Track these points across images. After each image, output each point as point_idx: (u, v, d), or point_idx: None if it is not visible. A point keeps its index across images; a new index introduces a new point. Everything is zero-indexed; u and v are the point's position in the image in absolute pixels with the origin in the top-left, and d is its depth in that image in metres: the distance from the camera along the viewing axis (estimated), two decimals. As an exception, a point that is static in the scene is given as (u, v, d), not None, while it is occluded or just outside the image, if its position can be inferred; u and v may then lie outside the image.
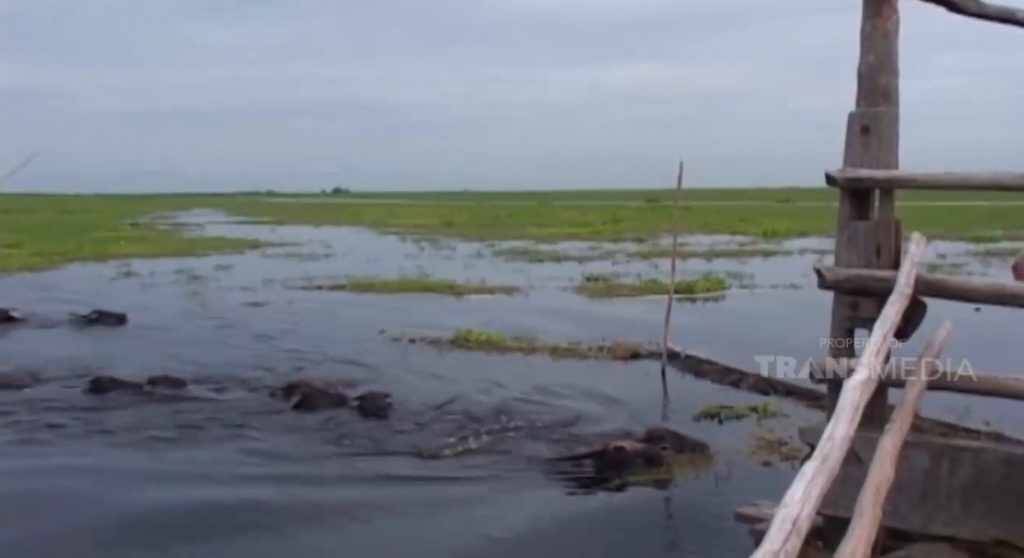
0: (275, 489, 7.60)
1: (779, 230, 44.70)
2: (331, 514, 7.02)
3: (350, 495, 7.50)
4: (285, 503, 7.26)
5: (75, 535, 6.65)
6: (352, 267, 27.25)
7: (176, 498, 7.38)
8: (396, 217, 69.38)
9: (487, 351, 14.11)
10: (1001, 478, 4.80)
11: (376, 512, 7.11)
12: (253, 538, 6.66)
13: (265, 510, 7.12)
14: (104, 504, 7.25)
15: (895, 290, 4.73)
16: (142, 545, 6.48)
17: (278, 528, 6.75)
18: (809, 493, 2.95)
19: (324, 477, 7.98)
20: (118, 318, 16.87)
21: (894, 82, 5.24)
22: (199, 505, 7.23)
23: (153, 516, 7.00)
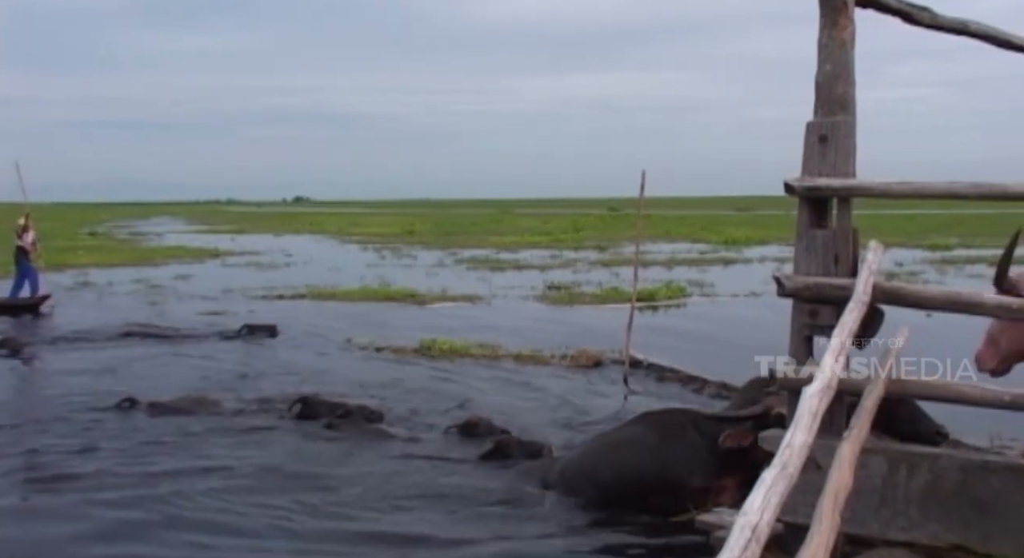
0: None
1: (739, 238, 45.06)
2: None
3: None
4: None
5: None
6: (313, 276, 27.11)
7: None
8: (357, 226, 69.20)
9: (451, 359, 14.11)
10: (957, 484, 4.85)
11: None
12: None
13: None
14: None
15: (853, 298, 4.77)
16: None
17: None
18: (768, 500, 2.96)
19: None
20: (269, 331, 16.48)
21: (851, 92, 5.29)
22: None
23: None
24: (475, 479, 7.97)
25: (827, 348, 4.38)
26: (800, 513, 3.51)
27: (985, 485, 4.79)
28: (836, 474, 3.59)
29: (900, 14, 5.59)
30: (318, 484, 7.81)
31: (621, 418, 9.66)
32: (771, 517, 2.93)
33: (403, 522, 6.95)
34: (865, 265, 5.10)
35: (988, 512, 4.76)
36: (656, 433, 7.22)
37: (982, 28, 6.15)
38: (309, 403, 10.23)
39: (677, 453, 6.95)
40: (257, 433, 9.57)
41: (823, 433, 3.96)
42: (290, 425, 9.89)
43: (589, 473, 7.33)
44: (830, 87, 5.26)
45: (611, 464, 7.27)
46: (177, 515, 7.07)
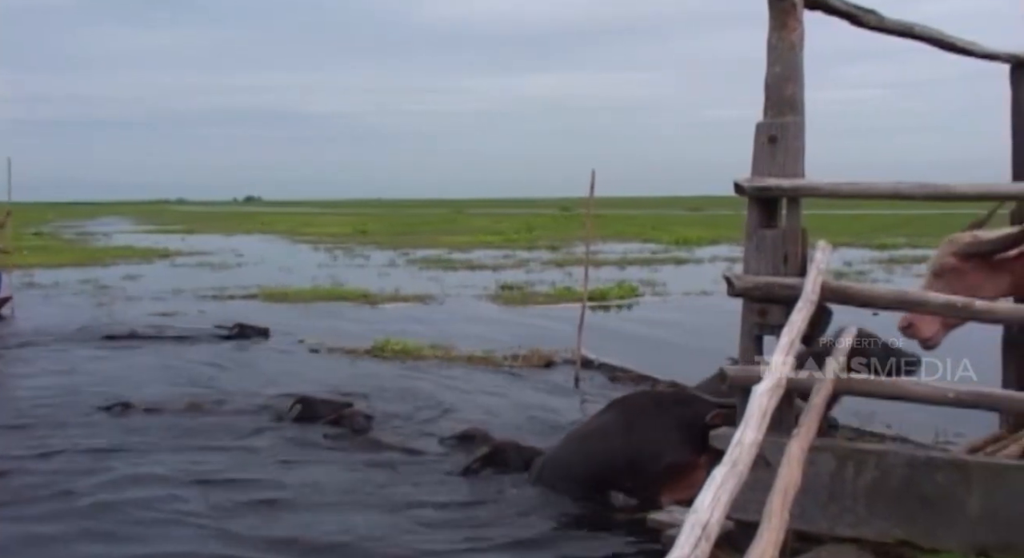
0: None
1: (691, 238, 45.39)
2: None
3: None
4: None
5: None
6: (265, 276, 26.91)
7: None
8: (309, 226, 68.77)
9: (403, 360, 14.07)
10: (903, 480, 4.92)
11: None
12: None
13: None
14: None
15: (802, 297, 4.82)
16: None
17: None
18: (718, 498, 2.99)
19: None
20: (262, 332, 16.21)
21: (800, 93, 5.34)
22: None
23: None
24: (458, 489, 7.82)
25: (776, 347, 4.43)
26: (750, 510, 3.54)
27: (930, 481, 4.86)
28: (785, 471, 3.63)
29: (847, 16, 5.66)
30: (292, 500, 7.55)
31: (580, 418, 9.71)
32: (721, 515, 2.96)
33: (359, 530, 6.88)
34: (813, 265, 5.15)
35: (933, 507, 4.83)
36: (625, 417, 7.27)
37: (926, 31, 6.25)
38: (309, 404, 10.03)
39: (648, 434, 6.97)
40: (257, 438, 9.42)
41: (772, 431, 4.00)
42: (288, 429, 9.70)
43: (564, 468, 7.35)
44: (779, 88, 5.31)
45: (583, 455, 7.30)
46: (95, 527, 6.86)
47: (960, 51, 6.66)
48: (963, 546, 4.74)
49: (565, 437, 8.01)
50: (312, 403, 10.07)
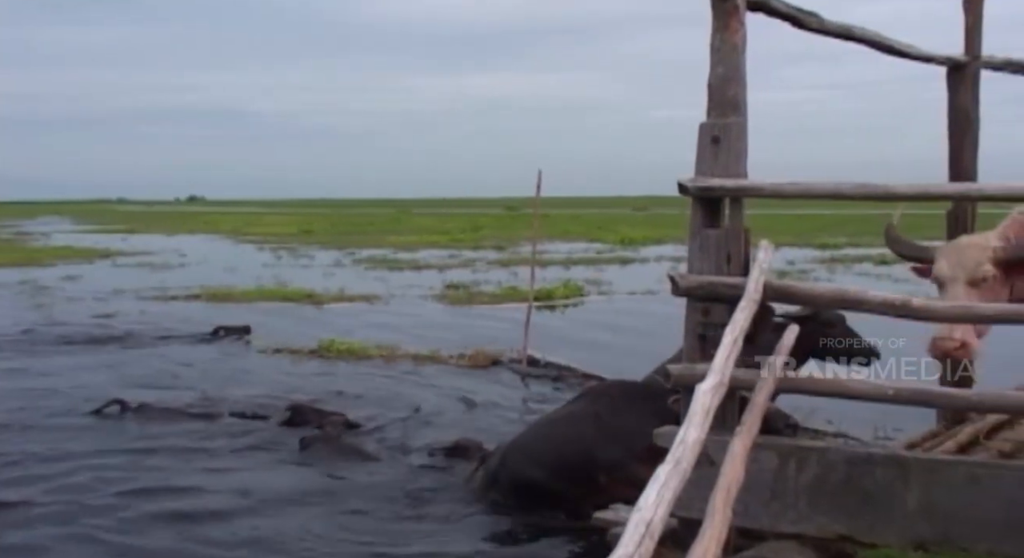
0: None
1: (636, 238, 45.65)
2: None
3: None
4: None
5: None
6: (208, 277, 26.60)
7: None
8: (253, 225, 68.11)
9: (348, 360, 14.00)
10: (844, 476, 4.98)
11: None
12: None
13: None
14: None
15: (744, 296, 4.86)
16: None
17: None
18: (662, 496, 3.00)
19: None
20: (242, 332, 16.04)
21: (742, 94, 5.38)
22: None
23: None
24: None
25: (720, 346, 4.46)
26: (694, 508, 3.56)
27: (870, 477, 4.93)
28: (728, 469, 3.66)
29: (789, 19, 5.72)
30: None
31: (527, 416, 9.73)
32: (665, 513, 2.97)
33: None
34: (756, 264, 5.20)
35: (873, 502, 4.90)
36: (595, 406, 7.27)
37: (866, 33, 6.34)
38: (300, 412, 9.91)
39: (617, 422, 6.95)
40: (199, 443, 9.31)
41: (716, 429, 4.03)
42: (237, 434, 9.57)
43: (531, 453, 7.28)
44: (722, 89, 5.35)
45: (552, 440, 7.25)
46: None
47: (898, 53, 6.77)
48: (901, 540, 4.81)
49: (532, 424, 7.99)
50: (302, 410, 9.94)
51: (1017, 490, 4.66)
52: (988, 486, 4.73)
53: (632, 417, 6.87)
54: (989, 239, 5.57)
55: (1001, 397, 5.17)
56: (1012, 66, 7.69)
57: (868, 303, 5.16)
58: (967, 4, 7.06)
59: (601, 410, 7.21)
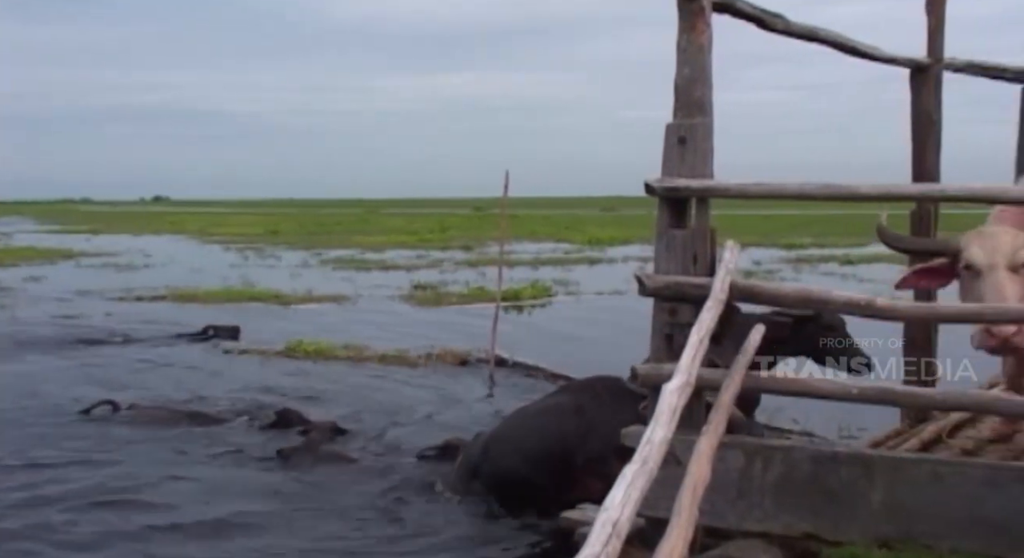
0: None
1: (603, 238, 45.75)
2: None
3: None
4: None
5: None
6: (174, 277, 26.40)
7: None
8: (219, 226, 67.65)
9: (315, 360, 13.95)
10: (809, 475, 5.02)
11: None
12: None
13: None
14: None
15: (711, 296, 4.89)
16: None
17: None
18: (629, 496, 3.01)
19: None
20: (232, 332, 15.86)
21: (708, 95, 5.40)
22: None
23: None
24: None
25: (686, 345, 4.48)
26: (661, 507, 3.57)
27: (834, 475, 4.97)
28: (694, 468, 3.68)
29: (755, 20, 5.75)
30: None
31: (496, 416, 9.72)
32: (631, 512, 2.98)
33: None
34: (722, 264, 5.22)
35: (837, 501, 4.94)
36: (579, 400, 7.26)
37: (830, 35, 6.39)
38: (286, 416, 9.78)
39: (600, 417, 6.94)
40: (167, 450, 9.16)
41: (683, 428, 4.04)
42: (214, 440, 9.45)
43: (515, 445, 7.25)
44: (688, 90, 5.37)
45: (535, 431, 7.23)
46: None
47: (862, 55, 6.82)
48: (866, 538, 4.85)
49: (513, 415, 7.96)
50: (288, 415, 9.83)
51: (979, 487, 4.72)
52: (951, 484, 4.78)
53: (615, 412, 6.85)
54: (1008, 230, 5.30)
55: (963, 395, 5.23)
56: (974, 68, 7.77)
57: (833, 303, 5.21)
58: (929, 7, 7.12)
59: (585, 403, 7.21)
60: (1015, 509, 4.63)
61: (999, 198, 5.20)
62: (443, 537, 6.87)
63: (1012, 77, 8.32)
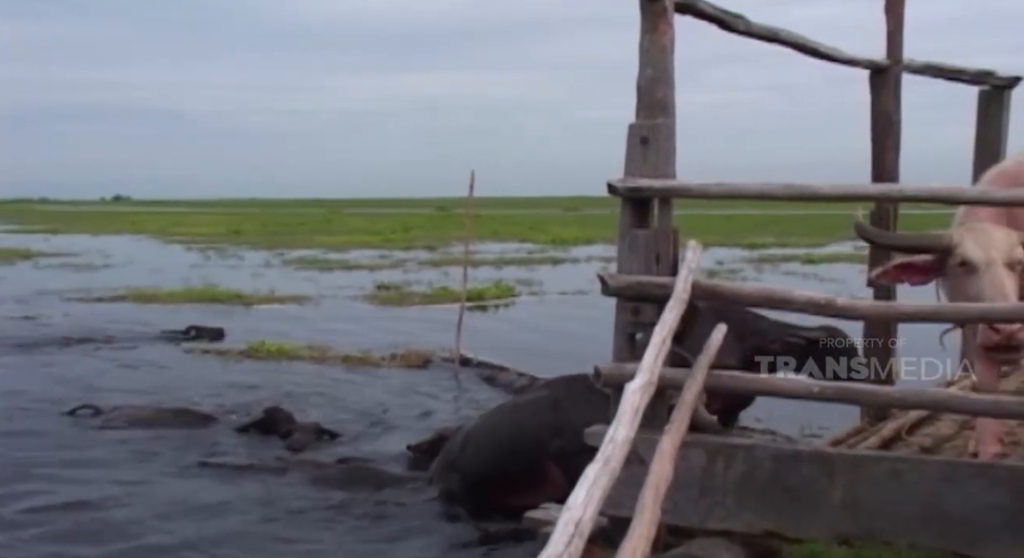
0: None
1: (567, 238, 45.87)
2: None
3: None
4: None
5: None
6: (134, 277, 26.17)
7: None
8: (180, 225, 67.09)
9: (279, 361, 13.88)
10: (770, 473, 5.04)
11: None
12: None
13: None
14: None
15: (673, 295, 4.90)
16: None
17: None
18: (592, 495, 3.02)
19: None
20: (216, 334, 15.73)
21: (671, 95, 5.42)
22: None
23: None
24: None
25: (649, 345, 4.49)
26: (624, 506, 3.58)
27: (796, 473, 5.00)
28: (657, 467, 3.69)
29: (716, 21, 5.78)
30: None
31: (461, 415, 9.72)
32: (594, 511, 2.99)
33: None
34: (685, 264, 5.24)
35: (798, 498, 4.97)
36: (557, 396, 7.29)
37: (791, 36, 6.43)
38: (275, 417, 9.65)
39: (578, 414, 6.93)
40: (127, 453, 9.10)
41: (645, 428, 4.06)
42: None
43: (491, 437, 7.33)
44: (651, 91, 5.38)
45: (512, 426, 7.30)
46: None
47: (823, 56, 6.87)
48: (826, 535, 4.89)
49: (492, 410, 8.03)
50: (277, 415, 9.69)
51: (937, 484, 4.77)
52: (909, 481, 4.82)
53: (590, 410, 6.86)
54: (997, 227, 5.21)
55: (922, 393, 5.28)
56: (932, 70, 7.86)
57: (794, 302, 5.24)
58: (888, 9, 7.19)
59: (561, 399, 7.23)
60: (972, 505, 4.68)
61: (956, 198, 5.26)
62: (413, 539, 6.87)
63: (969, 79, 8.44)
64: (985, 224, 5.23)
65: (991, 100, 8.78)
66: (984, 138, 8.71)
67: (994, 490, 4.68)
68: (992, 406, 4.98)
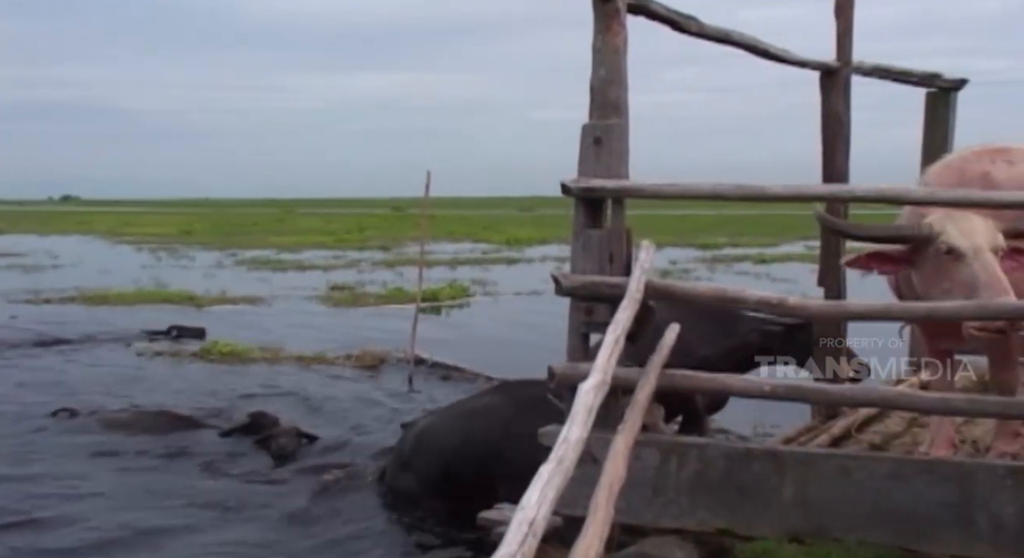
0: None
1: (522, 238, 45.90)
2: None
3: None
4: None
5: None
6: (83, 278, 25.79)
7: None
8: (131, 225, 66.25)
9: (231, 363, 13.76)
10: (723, 471, 5.09)
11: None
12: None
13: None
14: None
15: (626, 295, 4.92)
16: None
17: None
18: (545, 495, 3.02)
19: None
20: (197, 333, 15.52)
21: (624, 96, 5.44)
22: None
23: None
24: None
25: (602, 345, 4.50)
26: (578, 506, 3.59)
27: (747, 471, 5.05)
28: (610, 467, 3.70)
29: (669, 22, 5.81)
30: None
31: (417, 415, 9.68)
32: (548, 511, 2.99)
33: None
34: (638, 264, 5.26)
35: (750, 496, 5.02)
36: (515, 403, 7.21)
37: (743, 38, 6.48)
38: (260, 421, 9.44)
39: (535, 423, 6.91)
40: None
41: (599, 427, 4.06)
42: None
43: (441, 441, 7.28)
44: (604, 91, 5.40)
45: (464, 432, 7.24)
46: None
47: (774, 58, 6.93)
48: (778, 532, 4.93)
49: (447, 409, 7.97)
50: (263, 419, 9.51)
51: (886, 481, 4.83)
52: (858, 478, 4.88)
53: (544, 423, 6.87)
54: (973, 213, 5.14)
55: (871, 391, 5.36)
56: (880, 72, 7.95)
57: (746, 302, 5.29)
58: (838, 11, 7.27)
59: (519, 410, 7.16)
60: (919, 501, 4.75)
61: (905, 199, 5.32)
62: (364, 540, 6.84)
63: (917, 81, 8.55)
64: (965, 212, 5.16)
65: (938, 102, 8.91)
66: (931, 139, 8.83)
67: (940, 486, 4.75)
68: (939, 404, 5.06)
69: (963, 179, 5.59)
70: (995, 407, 4.97)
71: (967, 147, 6.22)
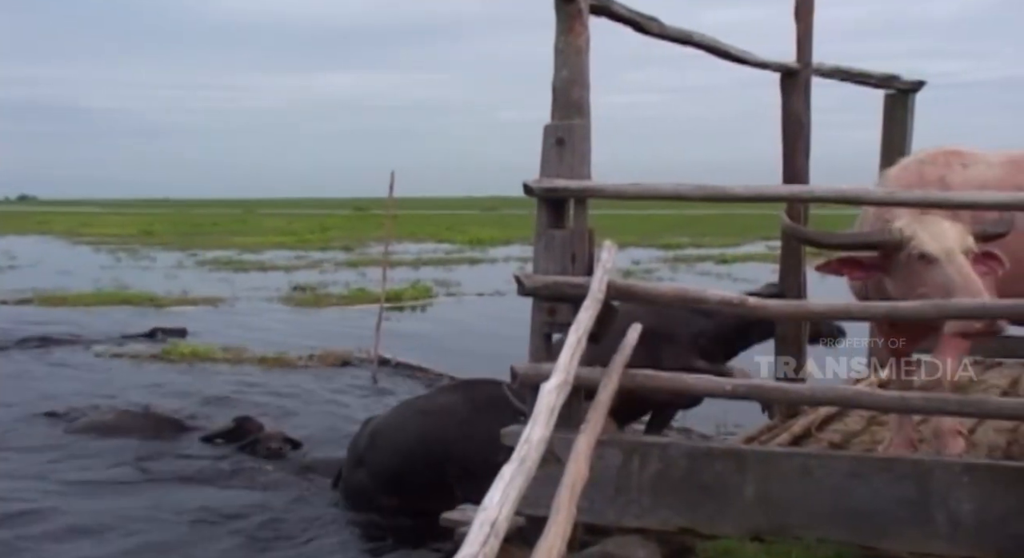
0: None
1: (485, 238, 45.92)
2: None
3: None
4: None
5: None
6: (41, 280, 25.46)
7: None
8: (90, 226, 65.55)
9: (192, 364, 13.65)
10: (685, 470, 5.11)
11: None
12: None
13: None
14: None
15: (589, 295, 4.93)
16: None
17: None
18: (507, 495, 3.02)
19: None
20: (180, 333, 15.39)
21: (586, 96, 5.45)
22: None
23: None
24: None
25: (564, 345, 4.51)
26: (541, 505, 3.59)
27: (709, 470, 5.07)
28: (572, 466, 3.71)
29: (631, 23, 5.83)
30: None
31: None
32: (510, 511, 2.99)
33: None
34: (600, 264, 5.27)
35: (712, 495, 5.05)
36: (473, 403, 7.15)
37: (704, 39, 6.52)
38: (245, 426, 9.32)
39: (494, 425, 6.88)
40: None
41: (561, 427, 4.07)
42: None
43: (397, 438, 7.22)
44: (567, 92, 5.41)
45: (419, 431, 7.18)
46: None
47: (735, 59, 6.98)
48: (740, 531, 4.96)
49: (402, 406, 7.89)
50: (248, 425, 9.37)
51: (845, 479, 4.87)
52: (818, 476, 4.92)
53: (500, 425, 6.86)
54: (940, 217, 5.19)
55: (831, 390, 5.40)
56: (840, 73, 8.03)
57: (708, 302, 5.31)
58: (798, 13, 7.33)
59: (477, 410, 7.13)
60: (878, 499, 4.80)
61: (864, 199, 5.37)
62: (321, 541, 6.81)
63: (875, 83, 8.64)
64: (933, 216, 5.21)
65: (896, 103, 9.01)
66: (890, 140, 8.93)
67: (899, 484, 4.80)
68: (898, 402, 5.12)
69: (921, 182, 5.67)
70: (952, 406, 5.02)
71: (923, 150, 6.31)
